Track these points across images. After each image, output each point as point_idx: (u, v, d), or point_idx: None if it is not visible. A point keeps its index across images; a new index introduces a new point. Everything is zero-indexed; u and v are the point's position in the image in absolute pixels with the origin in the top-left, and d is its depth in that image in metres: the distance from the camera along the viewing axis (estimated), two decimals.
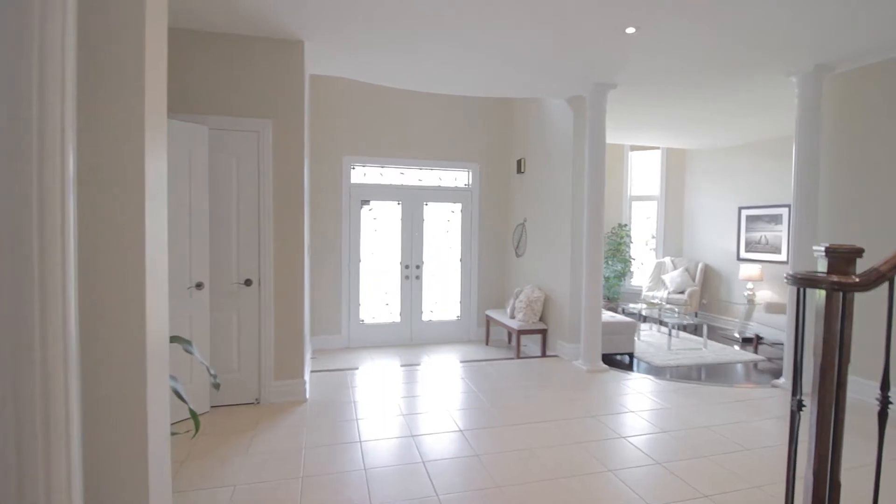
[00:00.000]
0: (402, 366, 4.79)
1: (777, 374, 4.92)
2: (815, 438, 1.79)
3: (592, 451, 2.87)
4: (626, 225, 8.49)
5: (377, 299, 6.07)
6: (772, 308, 5.82)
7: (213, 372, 1.79)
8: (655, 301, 6.77)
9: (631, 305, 6.76)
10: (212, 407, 3.47)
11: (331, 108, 5.78)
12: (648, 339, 6.40)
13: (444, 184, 6.23)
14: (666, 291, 7.56)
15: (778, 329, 5.47)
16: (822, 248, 1.79)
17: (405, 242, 6.07)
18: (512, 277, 6.23)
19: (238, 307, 3.55)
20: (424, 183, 6.18)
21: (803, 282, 1.78)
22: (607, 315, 5.53)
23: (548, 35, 3.41)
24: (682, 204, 8.21)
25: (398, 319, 6.11)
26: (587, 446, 2.94)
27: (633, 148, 8.57)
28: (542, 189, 5.42)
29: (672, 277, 7.66)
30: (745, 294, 6.56)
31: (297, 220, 3.67)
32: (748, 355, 5.62)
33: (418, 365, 4.84)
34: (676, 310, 6.55)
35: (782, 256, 6.44)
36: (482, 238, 6.30)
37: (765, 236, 6.71)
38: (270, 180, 3.59)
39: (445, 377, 4.34)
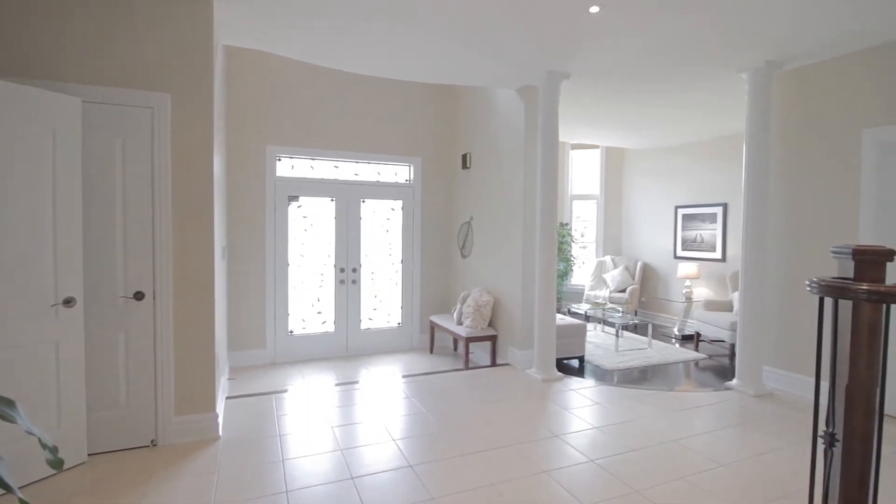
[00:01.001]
0: (337, 384, 4.21)
1: (720, 372, 4.93)
2: (842, 478, 1.52)
3: (563, 482, 2.51)
4: (567, 224, 8.41)
5: (309, 307, 5.42)
6: (710, 306, 5.90)
7: (48, 443, 1.18)
8: (599, 301, 6.69)
9: (575, 306, 6.62)
10: (90, 455, 2.72)
11: (253, 90, 5.05)
12: (594, 339, 6.28)
13: (383, 179, 5.70)
14: (607, 290, 7.54)
15: (717, 326, 5.52)
16: (846, 250, 1.52)
17: (340, 243, 5.47)
18: (458, 280, 5.84)
19: (126, 327, 2.82)
20: (361, 178, 5.61)
21: (830, 290, 1.49)
22: (557, 318, 5.28)
23: (504, 7, 3.02)
24: (621, 203, 8.26)
25: (332, 329, 5.50)
26: (556, 475, 2.58)
27: (574, 146, 8.51)
28: (490, 185, 5.06)
29: (613, 276, 7.65)
30: (683, 292, 6.64)
31: (205, 218, 3.00)
32: (691, 353, 5.64)
33: (356, 382, 4.29)
34: (620, 309, 6.50)
35: (717, 254, 6.59)
36: (425, 238, 5.85)
37: (700, 235, 6.84)
38: (168, 169, 2.89)
39: (388, 396, 3.83)
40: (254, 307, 5.12)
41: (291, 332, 5.33)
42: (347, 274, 5.51)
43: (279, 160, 5.27)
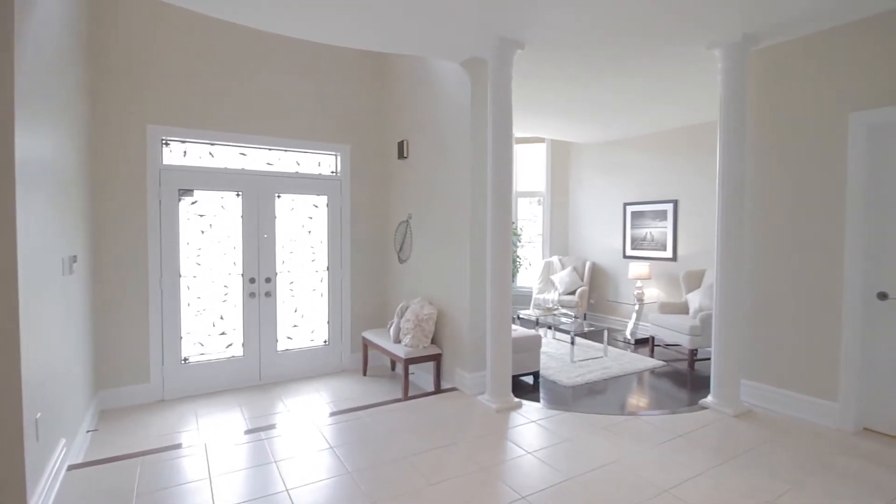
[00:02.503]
0: (246, 432, 3.27)
1: (681, 380, 4.52)
2: None
3: None
4: (512, 223, 7.86)
5: (209, 327, 4.38)
6: (665, 308, 5.53)
7: None
8: (550, 306, 6.17)
9: (524, 312, 6.05)
10: None
11: (129, 48, 3.94)
12: (547, 348, 5.73)
13: (304, 170, 4.77)
14: (556, 293, 7.06)
15: (674, 331, 5.14)
16: None
17: (249, 248, 4.48)
18: (396, 289, 5.03)
19: None
20: (277, 168, 4.64)
21: None
22: None
23: None
24: (568, 200, 7.84)
25: (241, 353, 4.49)
26: None
27: (519, 140, 7.98)
28: (432, 177, 4.30)
29: (561, 278, 7.19)
30: (635, 293, 6.28)
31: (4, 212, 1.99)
32: (648, 360, 5.23)
33: (273, 428, 3.36)
34: (572, 314, 6.01)
35: (668, 253, 6.28)
36: (356, 240, 4.98)
37: (650, 233, 6.52)
38: None
39: (306, 449, 2.96)
40: (131, 332, 4.01)
41: (186, 359, 4.27)
42: (259, 285, 4.52)
43: (166, 145, 4.19)
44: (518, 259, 7.66)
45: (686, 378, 4.71)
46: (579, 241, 7.66)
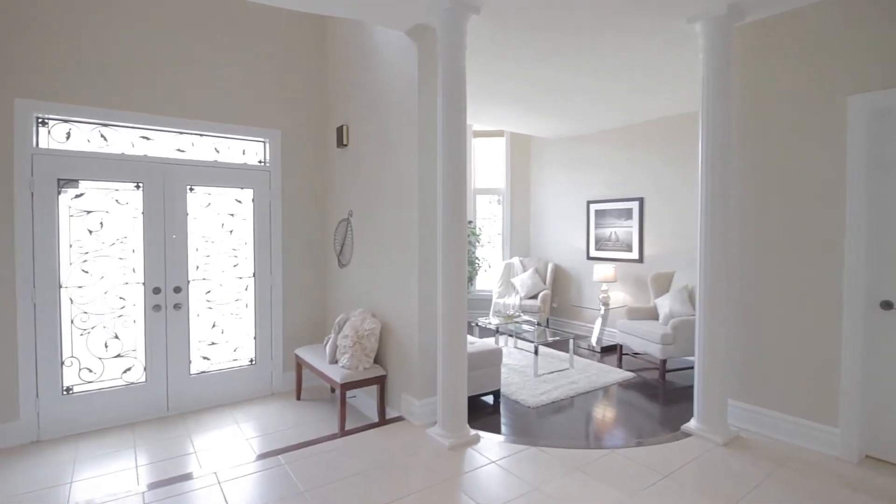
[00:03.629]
0: (149, 489, 2.53)
1: (653, 393, 4.11)
2: None
3: None
4: (471, 222, 7.33)
5: (100, 349, 3.57)
6: (634, 314, 5.14)
7: None
8: (511, 312, 5.67)
9: (483, 320, 5.52)
10: None
11: None
12: (507, 358, 5.22)
13: (225, 158, 4.03)
14: (517, 297, 6.58)
15: (644, 339, 4.75)
16: None
17: (153, 251, 3.70)
18: (336, 298, 4.36)
19: None
20: (190, 155, 3.88)
21: None
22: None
23: None
24: (529, 198, 7.38)
25: (143, 378, 3.71)
26: None
27: (477, 134, 7.46)
28: (374, 168, 3.68)
29: (522, 280, 6.72)
30: (600, 297, 5.88)
31: None
32: (617, 373, 4.80)
33: (163, 485, 2.64)
34: (534, 321, 5.53)
35: (634, 254, 5.92)
36: (289, 241, 4.28)
37: (615, 233, 6.14)
38: None
39: None
40: None
41: (69, 390, 3.46)
42: (166, 296, 3.75)
43: (42, 124, 3.37)
44: (477, 260, 7.14)
45: (658, 391, 4.31)
46: (541, 241, 7.22)
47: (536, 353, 4.76)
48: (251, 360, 4.16)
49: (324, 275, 4.48)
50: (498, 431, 3.39)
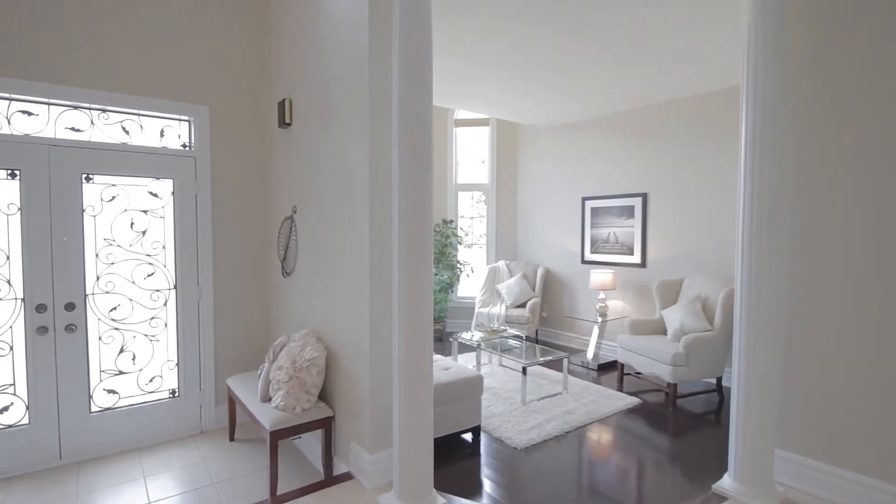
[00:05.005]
0: None
1: (662, 422, 3.35)
2: None
3: None
4: (451, 221, 6.59)
5: None
6: (638, 328, 4.43)
7: None
8: (496, 325, 4.93)
9: (464, 336, 4.77)
10: None
11: None
12: (491, 381, 4.48)
13: (136, 140, 3.22)
14: (503, 306, 5.85)
15: (652, 359, 4.04)
16: None
17: (37, 258, 2.88)
18: (281, 315, 3.58)
19: None
20: (88, 136, 3.07)
21: None
22: (438, 369, 3.33)
23: None
24: (516, 194, 6.65)
25: (24, 419, 2.89)
26: None
27: (459, 123, 6.72)
28: (321, 153, 2.90)
29: (509, 287, 5.99)
30: (597, 307, 5.17)
31: None
32: (618, 397, 4.09)
33: None
34: (523, 334, 4.80)
35: (635, 258, 5.22)
36: (221, 244, 3.48)
37: (614, 233, 5.44)
38: None
39: None
40: None
41: None
42: (55, 315, 2.93)
43: None
44: (459, 265, 6.39)
45: (669, 422, 3.60)
46: (530, 243, 6.49)
47: (525, 373, 4.02)
48: (173, 393, 3.36)
49: (267, 286, 3.69)
50: (476, 488, 2.64)
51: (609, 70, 4.05)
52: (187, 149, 3.37)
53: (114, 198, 3.12)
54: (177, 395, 3.36)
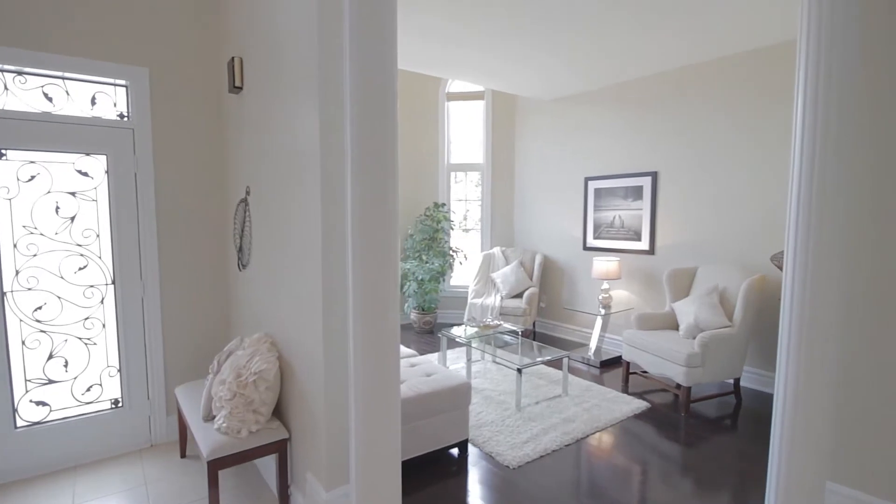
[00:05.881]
0: None
1: (672, 434, 2.91)
2: None
3: None
4: (443, 205, 6.10)
5: None
6: (646, 322, 3.99)
7: None
8: (489, 320, 4.49)
9: (456, 331, 4.33)
10: None
11: None
12: (481, 380, 4.06)
13: (60, 109, 2.72)
14: (498, 296, 5.41)
15: (663, 358, 3.61)
16: None
17: None
18: (238, 313, 3.13)
19: None
20: (1, 104, 2.57)
21: None
22: (419, 375, 2.90)
23: None
24: (513, 174, 6.15)
25: None
26: None
27: (452, 97, 6.18)
28: (273, 124, 2.40)
29: (504, 276, 5.54)
30: (600, 298, 4.73)
31: None
32: (623, 400, 3.67)
33: None
34: (519, 328, 4.36)
35: (643, 244, 4.75)
36: (168, 231, 3.01)
37: (619, 217, 4.96)
38: None
39: None
40: None
41: None
42: None
43: None
44: (452, 252, 5.93)
45: (681, 431, 3.18)
46: (528, 227, 6.02)
47: (520, 372, 3.58)
48: (115, 403, 2.92)
49: (225, 280, 3.23)
50: None
51: (611, 27, 3.52)
52: (124, 119, 2.87)
53: (33, 177, 2.64)
54: (120, 405, 2.93)
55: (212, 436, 2.15)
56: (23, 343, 2.65)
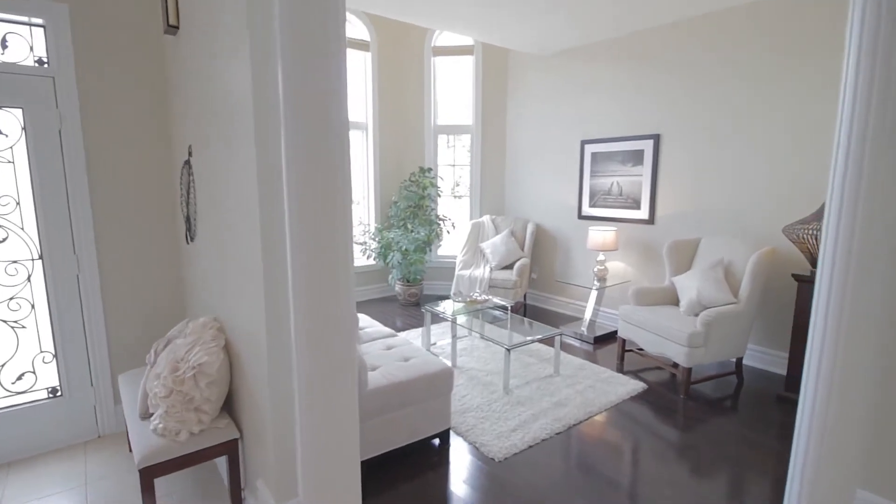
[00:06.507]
0: None
1: (671, 418, 2.66)
2: None
3: None
4: (430, 170, 5.69)
5: None
6: (644, 297, 3.71)
7: None
8: (477, 294, 4.18)
9: (441, 307, 4.02)
10: None
11: None
12: (466, 358, 3.80)
13: None
14: (487, 267, 5.10)
15: (662, 336, 3.34)
16: None
17: None
18: (188, 292, 2.78)
19: None
20: None
21: None
22: (396, 359, 2.60)
23: None
24: (505, 137, 5.73)
25: None
26: None
27: (438, 51, 5.67)
28: (210, 70, 1.97)
29: (494, 246, 5.22)
30: (595, 270, 4.43)
31: None
32: (620, 382, 3.42)
33: None
34: (509, 303, 4.06)
35: (643, 213, 4.42)
36: (104, 198, 2.62)
37: (617, 183, 4.61)
38: None
39: None
40: None
41: None
42: None
43: None
44: (439, 220, 5.57)
45: (680, 415, 2.95)
46: (519, 194, 5.65)
47: (509, 353, 3.30)
48: (53, 392, 2.60)
49: (178, 253, 2.86)
50: None
51: None
52: (43, 65, 2.42)
53: None
54: (59, 394, 2.61)
55: (146, 438, 1.85)
56: None
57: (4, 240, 2.40)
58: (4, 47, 2.36)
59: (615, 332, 4.37)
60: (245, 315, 1.83)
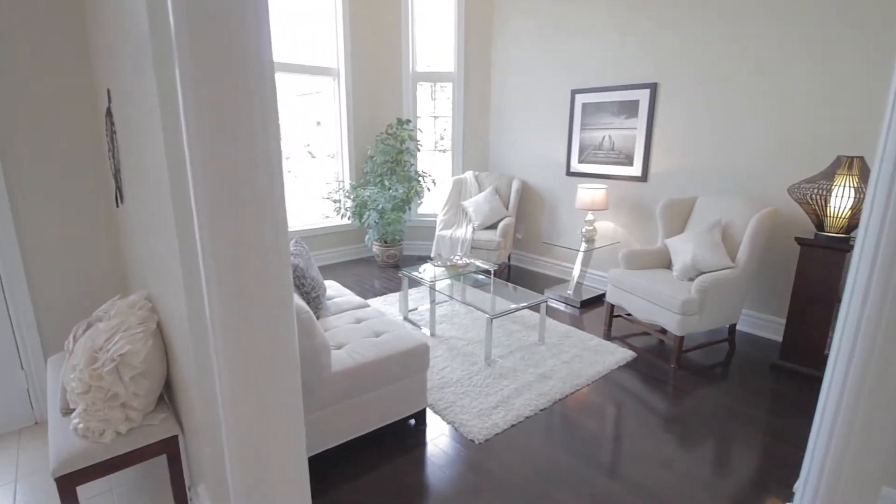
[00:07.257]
0: None
1: (661, 389, 2.49)
2: None
3: None
4: (408, 121, 5.26)
5: None
6: (635, 260, 3.48)
7: None
8: (458, 258, 3.90)
9: (420, 272, 3.74)
10: None
11: None
12: (445, 325, 3.58)
13: None
14: (469, 227, 4.81)
15: (654, 303, 3.14)
16: None
17: None
18: (124, 264, 2.43)
19: None
20: None
21: None
22: (367, 334, 2.34)
23: None
24: (489, 86, 5.29)
25: None
26: None
27: None
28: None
29: (477, 204, 4.91)
30: (583, 230, 4.18)
31: None
32: (608, 350, 3.24)
33: None
34: (492, 266, 3.80)
35: (635, 169, 4.12)
36: (17, 149, 2.21)
37: (609, 137, 4.28)
38: None
39: None
40: None
41: None
42: None
43: None
44: (418, 176, 5.20)
45: (670, 385, 2.79)
46: (504, 149, 5.28)
47: (489, 325, 3.07)
48: None
49: (111, 218, 2.49)
50: None
51: None
52: None
53: None
54: None
55: (66, 439, 1.57)
56: None
57: None
58: None
59: (603, 294, 4.18)
60: (172, 291, 1.52)
